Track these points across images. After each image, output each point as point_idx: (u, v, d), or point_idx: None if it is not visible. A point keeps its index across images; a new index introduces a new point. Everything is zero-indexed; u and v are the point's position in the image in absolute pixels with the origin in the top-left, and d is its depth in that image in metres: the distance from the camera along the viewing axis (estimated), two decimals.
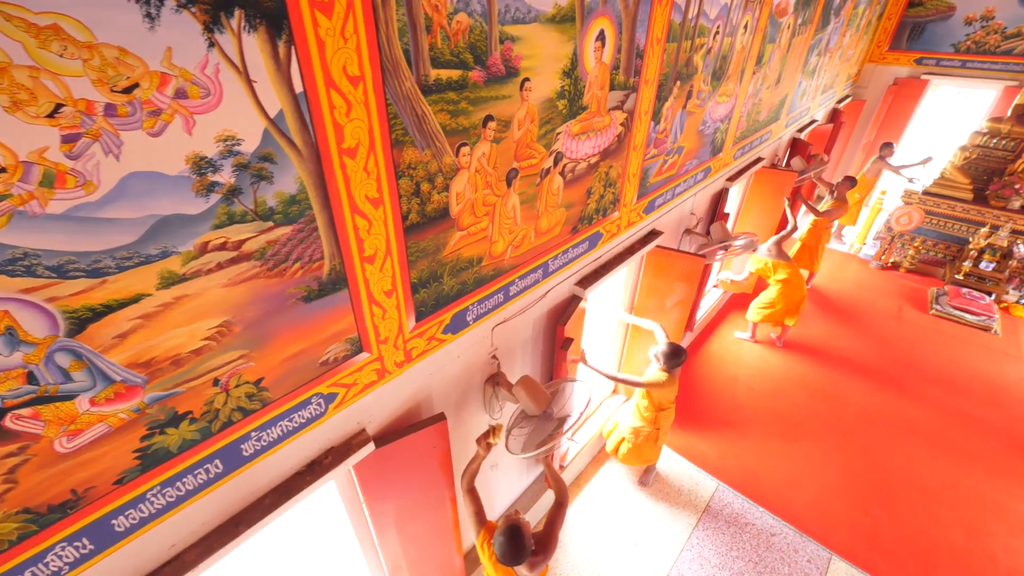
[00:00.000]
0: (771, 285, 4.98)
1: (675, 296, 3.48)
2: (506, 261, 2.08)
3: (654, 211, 3.19)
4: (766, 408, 4.63)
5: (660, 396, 3.20)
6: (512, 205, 1.96)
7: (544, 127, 1.92)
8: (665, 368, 3.09)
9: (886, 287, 6.59)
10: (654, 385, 3.07)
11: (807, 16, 4.25)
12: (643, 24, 2.18)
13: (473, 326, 2.07)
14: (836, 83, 6.81)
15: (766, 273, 4.91)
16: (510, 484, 3.26)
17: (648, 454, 3.51)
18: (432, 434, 1.96)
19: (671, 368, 3.09)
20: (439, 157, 1.55)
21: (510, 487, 3.30)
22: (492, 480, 2.95)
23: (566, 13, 1.74)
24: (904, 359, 5.29)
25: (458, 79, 1.48)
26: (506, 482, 3.18)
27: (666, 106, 2.72)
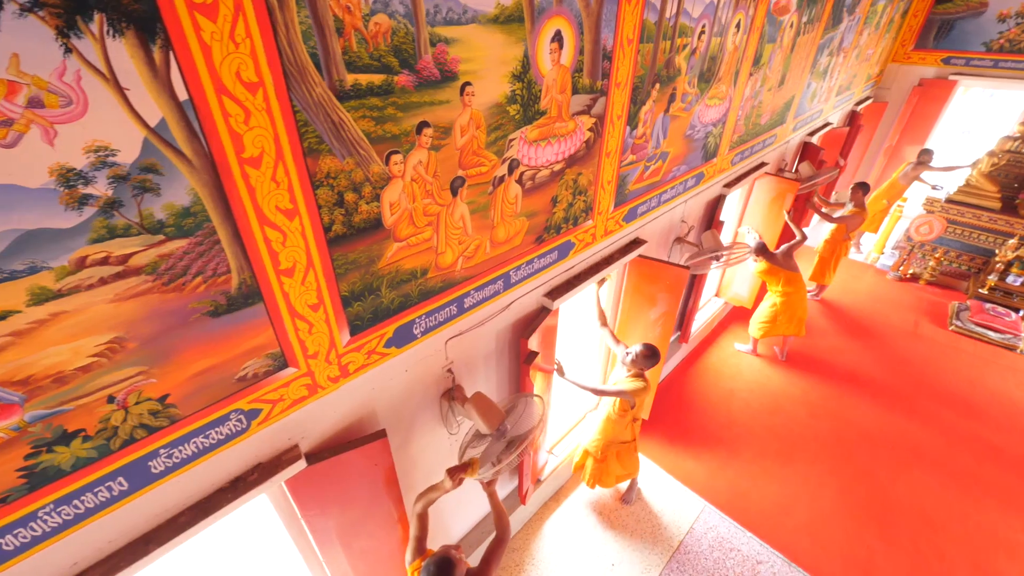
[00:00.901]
0: (771, 296, 4.75)
1: (658, 308, 3.33)
2: (458, 273, 2.00)
3: (636, 219, 3.06)
4: (762, 425, 4.42)
5: (638, 404, 3.07)
6: (460, 215, 1.87)
7: (494, 133, 1.82)
8: (641, 372, 2.97)
9: (903, 300, 6.26)
10: (638, 392, 2.94)
11: (814, 14, 4.04)
12: (609, 24, 2.07)
13: (422, 339, 2.00)
14: (854, 84, 6.49)
15: (772, 281, 4.64)
16: (477, 505, 3.17)
17: (628, 467, 3.37)
18: (372, 451, 1.89)
19: (647, 370, 2.97)
20: (365, 166, 1.47)
21: (476, 508, 3.21)
22: (453, 499, 2.86)
23: (512, 13, 1.65)
24: (917, 378, 4.99)
25: (382, 84, 1.40)
26: (470, 503, 3.09)
27: (644, 110, 2.59)
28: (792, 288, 4.59)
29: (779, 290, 4.64)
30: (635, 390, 2.91)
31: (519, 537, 3.50)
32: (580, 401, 4.07)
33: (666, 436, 4.29)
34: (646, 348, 2.89)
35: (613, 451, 3.28)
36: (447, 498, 2.83)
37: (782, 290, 4.62)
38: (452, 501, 2.84)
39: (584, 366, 3.97)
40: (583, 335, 3.88)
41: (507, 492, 3.39)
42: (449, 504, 2.84)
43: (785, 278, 4.60)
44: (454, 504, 2.89)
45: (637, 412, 3.16)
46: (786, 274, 4.60)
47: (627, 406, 3.09)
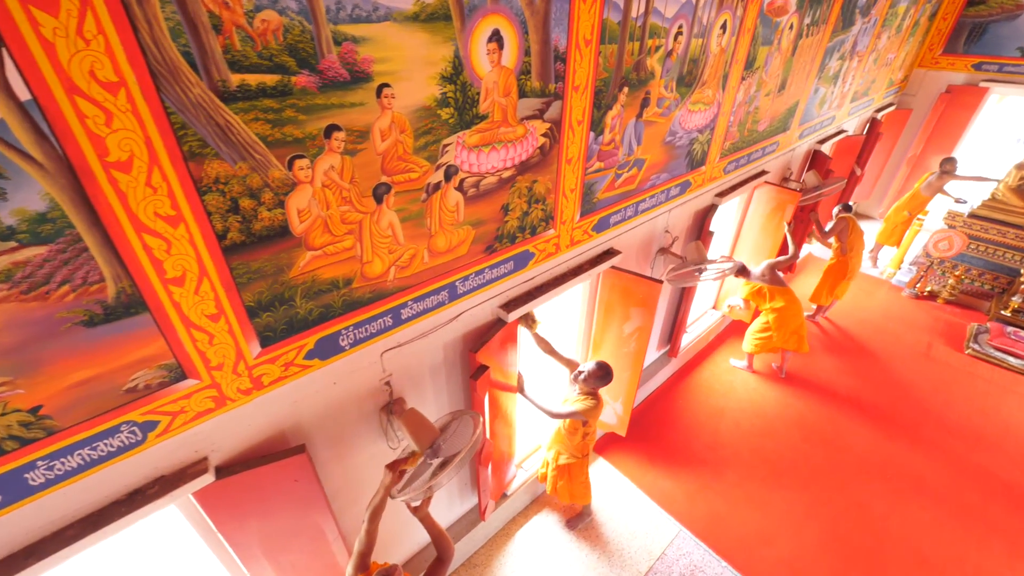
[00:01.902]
0: (764, 314, 4.52)
1: (632, 322, 3.17)
2: (390, 283, 1.90)
3: (608, 229, 2.92)
4: (750, 448, 4.20)
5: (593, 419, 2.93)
6: (388, 223, 1.78)
7: (423, 138, 1.72)
8: (591, 391, 2.83)
9: (917, 319, 5.89)
10: (590, 412, 2.80)
11: (818, 16, 3.80)
12: (561, 23, 1.94)
13: (351, 351, 1.91)
14: (873, 90, 6.16)
15: (759, 300, 4.46)
16: (436, 516, 3.08)
17: (576, 490, 3.23)
18: (290, 467, 1.81)
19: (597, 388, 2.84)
20: (262, 170, 1.39)
21: (436, 518, 3.12)
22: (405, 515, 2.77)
23: (435, 11, 1.54)
24: (924, 404, 4.67)
25: (276, 85, 1.31)
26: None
27: (611, 115, 2.45)
28: (783, 303, 4.35)
29: (768, 307, 4.41)
30: (586, 410, 2.78)
31: (481, 553, 3.40)
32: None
33: (646, 454, 4.11)
34: (598, 368, 2.75)
35: (566, 463, 3.15)
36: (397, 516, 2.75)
37: (771, 306, 4.39)
38: (404, 517, 2.76)
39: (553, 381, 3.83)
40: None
41: (467, 508, 3.29)
42: (400, 520, 2.76)
43: (771, 294, 4.37)
44: (405, 519, 2.80)
45: (590, 428, 3.02)
46: (771, 290, 4.36)
47: (578, 424, 2.95)
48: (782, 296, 4.35)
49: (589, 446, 3.11)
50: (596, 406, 2.82)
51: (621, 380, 3.47)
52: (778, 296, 4.35)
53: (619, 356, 3.38)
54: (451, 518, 3.23)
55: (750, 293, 4.47)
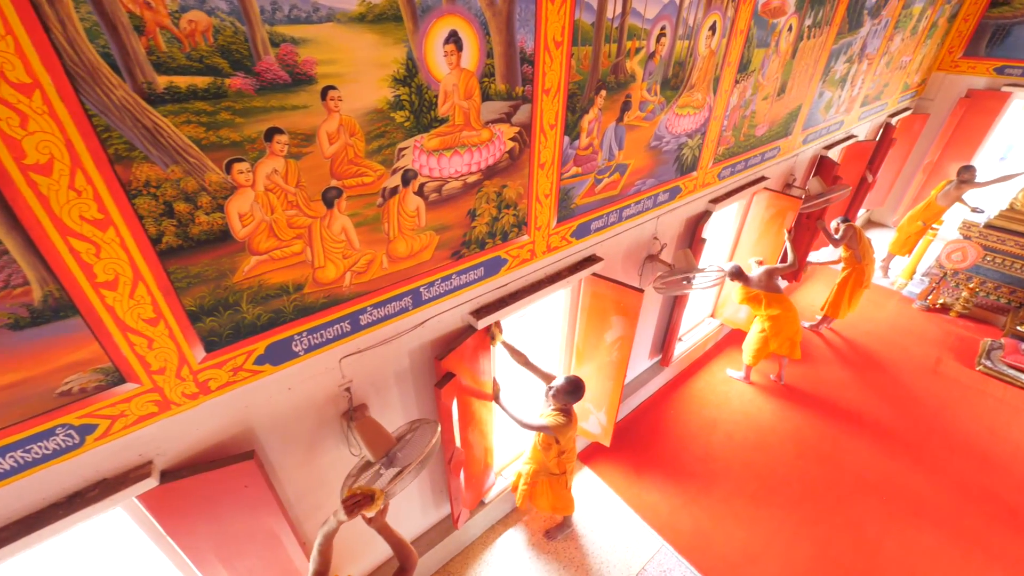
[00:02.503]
0: (759, 321, 4.38)
1: (614, 331, 3.09)
2: (346, 288, 1.87)
3: (590, 235, 2.84)
4: (742, 462, 4.07)
5: (565, 441, 2.85)
6: (341, 227, 1.74)
7: (376, 141, 1.68)
8: (565, 407, 2.76)
9: (927, 332, 5.67)
10: (559, 429, 2.73)
11: (820, 17, 3.66)
12: (527, 24, 1.88)
13: (305, 357, 1.88)
14: (886, 94, 5.94)
15: (754, 305, 4.32)
16: (409, 522, 3.04)
17: (557, 503, 3.15)
18: (238, 472, 1.79)
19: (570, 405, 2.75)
20: (197, 174, 1.36)
21: (407, 527, 3.08)
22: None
23: (384, 12, 1.50)
24: (930, 421, 4.48)
25: (208, 87, 1.28)
26: (400, 522, 2.96)
27: (587, 119, 2.38)
28: (778, 310, 4.22)
29: (763, 314, 4.27)
30: (555, 426, 2.70)
31: (457, 561, 3.35)
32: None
33: (633, 465, 4.02)
34: (567, 383, 2.68)
35: (543, 479, 3.08)
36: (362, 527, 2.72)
37: (766, 313, 4.26)
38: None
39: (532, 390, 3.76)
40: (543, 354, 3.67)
41: (442, 515, 3.24)
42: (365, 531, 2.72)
43: (767, 300, 4.24)
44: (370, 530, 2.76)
45: (566, 447, 2.93)
46: (767, 296, 4.23)
47: (550, 441, 2.87)
48: (778, 303, 4.21)
49: (567, 464, 3.01)
50: (567, 424, 2.74)
51: (604, 389, 3.40)
52: (774, 304, 4.22)
53: (602, 365, 3.30)
54: (425, 524, 3.19)
55: (744, 298, 4.33)
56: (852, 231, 5.07)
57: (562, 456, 2.93)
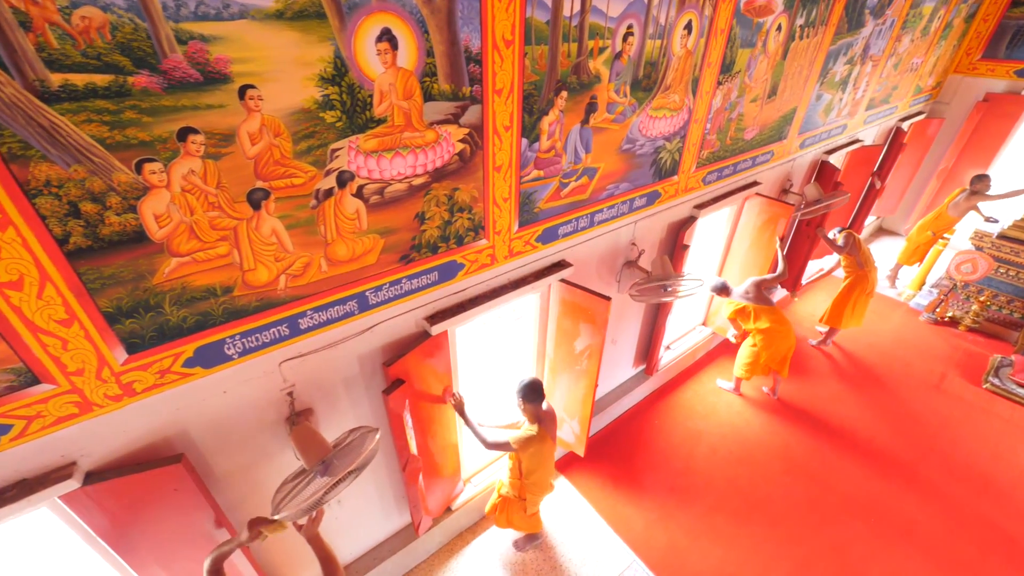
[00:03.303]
0: (751, 335, 4.24)
1: (583, 339, 3.01)
2: (281, 292, 1.83)
3: (557, 240, 2.77)
4: (725, 477, 3.94)
5: (529, 460, 2.71)
6: (271, 230, 1.70)
7: (305, 142, 1.64)
8: (536, 416, 2.65)
9: (933, 346, 5.42)
10: (523, 443, 2.63)
11: (814, 16, 3.52)
12: (472, 23, 1.82)
13: (240, 360, 1.85)
14: (895, 97, 5.71)
15: (743, 319, 4.18)
16: (370, 528, 3.00)
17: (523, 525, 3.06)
18: (166, 476, 1.77)
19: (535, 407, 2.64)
20: (104, 174, 1.33)
21: (368, 532, 3.04)
22: (333, 523, 2.71)
23: (304, 9, 1.45)
24: (928, 441, 4.27)
25: (110, 85, 1.25)
26: (360, 526, 2.93)
27: (547, 121, 2.31)
28: (769, 323, 4.06)
29: (754, 327, 4.12)
30: (519, 440, 2.59)
31: (422, 568, 3.30)
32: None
33: (610, 475, 3.92)
34: (524, 385, 2.61)
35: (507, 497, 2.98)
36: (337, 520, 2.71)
37: (756, 327, 4.10)
38: (345, 523, 2.70)
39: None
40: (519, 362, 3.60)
41: (406, 521, 3.19)
42: (338, 526, 2.70)
43: (756, 313, 4.08)
44: (344, 527, 2.73)
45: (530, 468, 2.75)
46: (756, 309, 4.08)
47: (516, 462, 2.77)
48: (768, 316, 4.06)
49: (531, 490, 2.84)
50: (534, 440, 2.60)
51: (576, 398, 3.31)
52: (764, 316, 4.07)
53: (573, 374, 3.22)
54: (389, 529, 3.15)
55: (734, 312, 4.20)
56: (852, 239, 4.87)
57: (524, 479, 2.80)
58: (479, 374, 3.01)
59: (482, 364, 4.06)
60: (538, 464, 2.73)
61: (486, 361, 4.10)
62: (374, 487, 2.82)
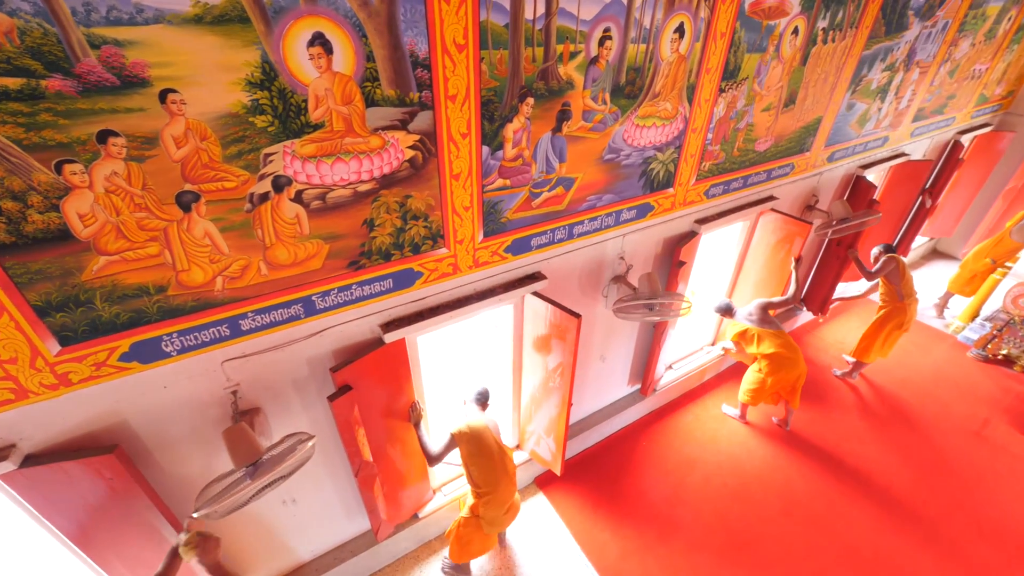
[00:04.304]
0: (757, 359, 3.93)
1: (554, 356, 2.88)
2: (219, 293, 1.85)
3: (530, 252, 2.66)
4: (715, 510, 3.68)
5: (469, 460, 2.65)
6: (204, 232, 1.72)
7: (235, 146, 1.63)
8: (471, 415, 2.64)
9: (979, 387, 4.84)
10: (458, 437, 2.61)
11: (841, 18, 3.20)
12: (417, 26, 1.76)
13: (180, 358, 1.88)
14: (952, 107, 5.15)
15: (746, 343, 3.89)
16: (331, 528, 3.00)
17: (455, 540, 2.93)
18: (101, 464, 1.83)
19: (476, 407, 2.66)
20: (23, 174, 1.38)
21: (330, 531, 3.04)
22: (290, 520, 2.74)
23: (225, 13, 1.44)
24: (958, 495, 3.81)
25: (22, 89, 1.28)
26: (319, 525, 2.94)
27: (511, 128, 2.21)
28: (774, 348, 3.75)
29: (757, 352, 3.82)
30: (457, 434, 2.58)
31: (385, 573, 3.28)
32: None
33: (591, 497, 3.76)
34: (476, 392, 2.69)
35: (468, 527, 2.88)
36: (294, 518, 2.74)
37: (760, 352, 3.80)
38: (280, 527, 2.73)
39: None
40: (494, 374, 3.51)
41: (368, 527, 3.18)
42: (296, 524, 2.73)
43: (759, 337, 3.78)
44: (301, 525, 2.76)
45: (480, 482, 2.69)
46: (760, 333, 3.77)
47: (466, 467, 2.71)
48: (773, 340, 3.76)
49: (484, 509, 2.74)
50: (464, 433, 2.59)
51: (550, 415, 3.19)
52: (768, 340, 3.76)
53: (547, 390, 3.10)
54: (352, 531, 3.15)
55: (737, 335, 3.91)
56: (894, 263, 4.41)
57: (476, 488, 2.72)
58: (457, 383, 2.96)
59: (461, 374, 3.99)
60: (481, 468, 2.68)
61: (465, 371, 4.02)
62: (333, 489, 2.83)
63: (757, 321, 3.75)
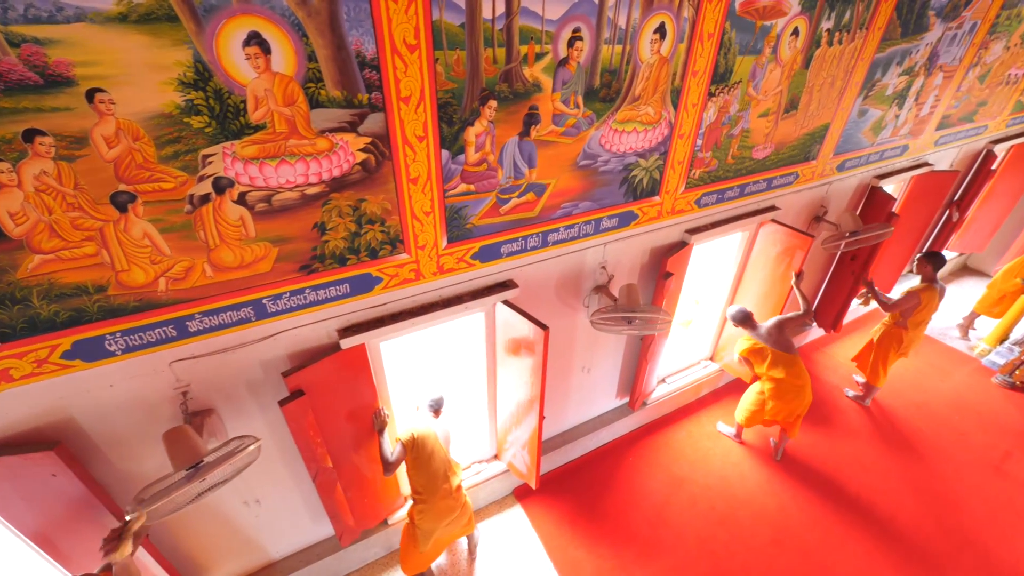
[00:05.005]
0: (762, 380, 3.72)
1: (524, 368, 2.78)
2: (163, 294, 1.83)
3: (500, 259, 2.58)
4: (698, 535, 3.51)
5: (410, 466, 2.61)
6: (143, 232, 1.70)
7: (171, 146, 1.61)
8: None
9: (1002, 416, 4.50)
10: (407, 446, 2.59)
11: (848, 19, 2.99)
12: (362, 25, 1.70)
13: (125, 357, 1.88)
14: (984, 115, 4.80)
15: (757, 360, 3.63)
16: (298, 530, 2.99)
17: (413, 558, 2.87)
18: (42, 461, 1.83)
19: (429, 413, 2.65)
20: None
21: (298, 533, 3.03)
22: (254, 520, 2.73)
23: (152, 12, 1.41)
24: (968, 533, 3.52)
25: None
26: (285, 527, 2.92)
27: (473, 132, 2.13)
28: (783, 374, 3.53)
29: (765, 373, 3.60)
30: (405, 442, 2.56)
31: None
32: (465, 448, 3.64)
33: (569, 512, 3.64)
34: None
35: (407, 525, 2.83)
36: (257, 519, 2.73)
37: (768, 374, 3.58)
38: (266, 521, 2.72)
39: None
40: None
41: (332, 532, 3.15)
42: (259, 524, 2.73)
43: (772, 359, 3.56)
44: (264, 525, 2.75)
45: (413, 474, 2.67)
46: (775, 355, 3.56)
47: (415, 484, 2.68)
48: (785, 367, 3.51)
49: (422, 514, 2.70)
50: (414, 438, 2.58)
51: (523, 428, 3.09)
52: (781, 365, 3.52)
53: (520, 402, 3.00)
54: (321, 534, 3.13)
55: (749, 350, 3.68)
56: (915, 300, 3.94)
57: (413, 495, 2.67)
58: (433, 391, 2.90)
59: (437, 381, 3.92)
60: (419, 474, 2.65)
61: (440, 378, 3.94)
62: (297, 492, 2.81)
63: (773, 341, 3.53)
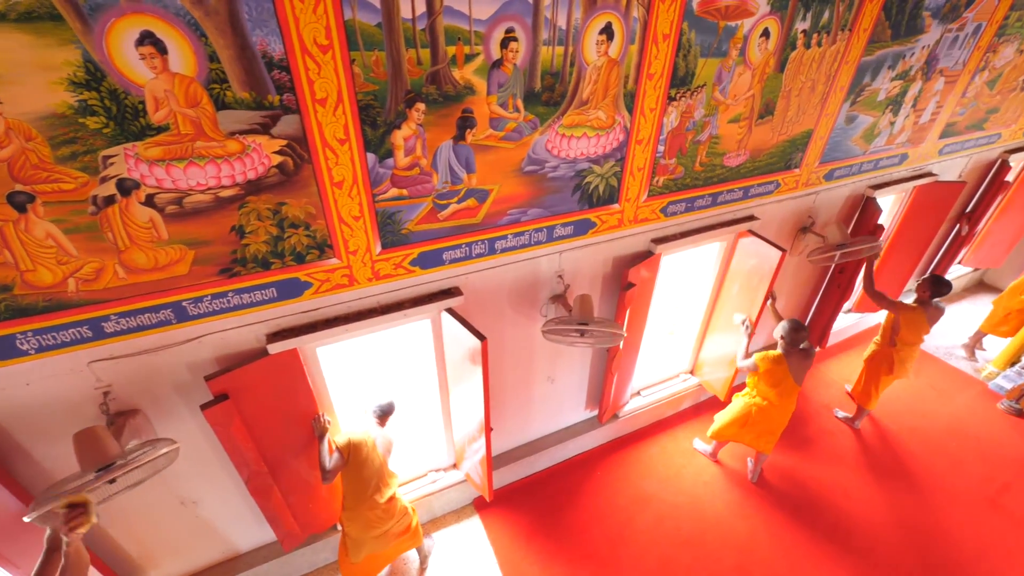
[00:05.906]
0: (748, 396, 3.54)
1: (469, 378, 2.70)
2: (74, 294, 1.82)
3: (443, 266, 2.50)
4: (660, 556, 3.37)
5: (346, 482, 2.58)
6: (46, 233, 1.69)
7: (67, 147, 1.58)
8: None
9: (1006, 445, 4.20)
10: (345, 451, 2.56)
11: (828, 19, 2.82)
12: (267, 25, 1.65)
13: (39, 356, 1.88)
14: (996, 122, 4.51)
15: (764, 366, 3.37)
16: (242, 532, 2.97)
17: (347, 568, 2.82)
18: None
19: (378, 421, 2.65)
20: None
21: (242, 535, 3.01)
22: (192, 521, 2.72)
23: (33, 10, 1.38)
24: (951, 570, 3.29)
25: None
26: (227, 529, 2.91)
27: (400, 135, 2.06)
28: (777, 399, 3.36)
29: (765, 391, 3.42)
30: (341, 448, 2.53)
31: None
32: (429, 454, 3.58)
33: (527, 526, 3.54)
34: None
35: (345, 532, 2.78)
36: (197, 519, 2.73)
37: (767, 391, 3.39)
38: (207, 522, 2.72)
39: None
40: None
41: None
42: (198, 524, 2.72)
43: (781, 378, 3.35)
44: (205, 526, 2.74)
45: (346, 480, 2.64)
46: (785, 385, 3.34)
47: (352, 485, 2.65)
48: (781, 393, 3.34)
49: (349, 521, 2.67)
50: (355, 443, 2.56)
51: (473, 439, 3.01)
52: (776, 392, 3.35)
53: (469, 414, 2.92)
54: (267, 537, 3.11)
55: (762, 358, 3.38)
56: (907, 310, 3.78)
57: (342, 510, 2.62)
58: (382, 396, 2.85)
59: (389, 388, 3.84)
60: (349, 480, 2.62)
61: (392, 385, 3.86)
62: (238, 494, 2.79)
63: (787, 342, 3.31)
